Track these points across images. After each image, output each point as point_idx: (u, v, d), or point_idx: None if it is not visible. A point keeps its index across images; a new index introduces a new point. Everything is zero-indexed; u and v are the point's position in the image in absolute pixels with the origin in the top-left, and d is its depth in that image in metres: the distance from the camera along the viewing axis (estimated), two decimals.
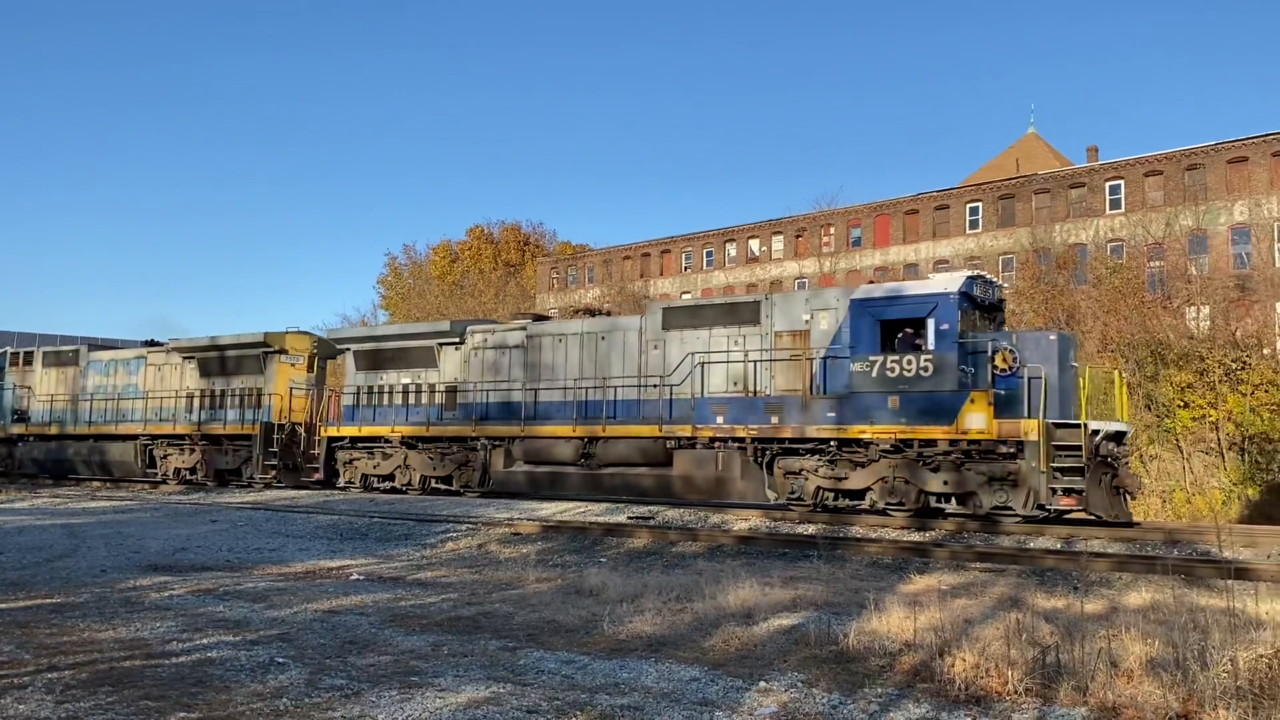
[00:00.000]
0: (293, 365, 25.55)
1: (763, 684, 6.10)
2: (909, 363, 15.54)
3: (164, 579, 10.79)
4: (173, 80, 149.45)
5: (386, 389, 22.91)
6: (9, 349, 32.22)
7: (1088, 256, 49.23)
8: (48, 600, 9.23)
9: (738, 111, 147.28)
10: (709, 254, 71.37)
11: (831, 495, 16.50)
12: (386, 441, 22.42)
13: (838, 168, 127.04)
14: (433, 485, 22.02)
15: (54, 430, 29.48)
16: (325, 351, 26.50)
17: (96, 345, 29.97)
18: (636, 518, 16.68)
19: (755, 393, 17.36)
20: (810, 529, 15.25)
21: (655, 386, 18.67)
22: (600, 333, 19.91)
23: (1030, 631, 7.08)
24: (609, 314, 22.97)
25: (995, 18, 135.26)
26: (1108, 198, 52.08)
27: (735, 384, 17.73)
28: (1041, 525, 14.58)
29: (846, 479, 16.19)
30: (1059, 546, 13.17)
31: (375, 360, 23.18)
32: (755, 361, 17.49)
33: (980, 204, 57.65)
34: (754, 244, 68.69)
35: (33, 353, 30.97)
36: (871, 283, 22.64)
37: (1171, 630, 6.86)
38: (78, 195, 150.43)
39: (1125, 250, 48.08)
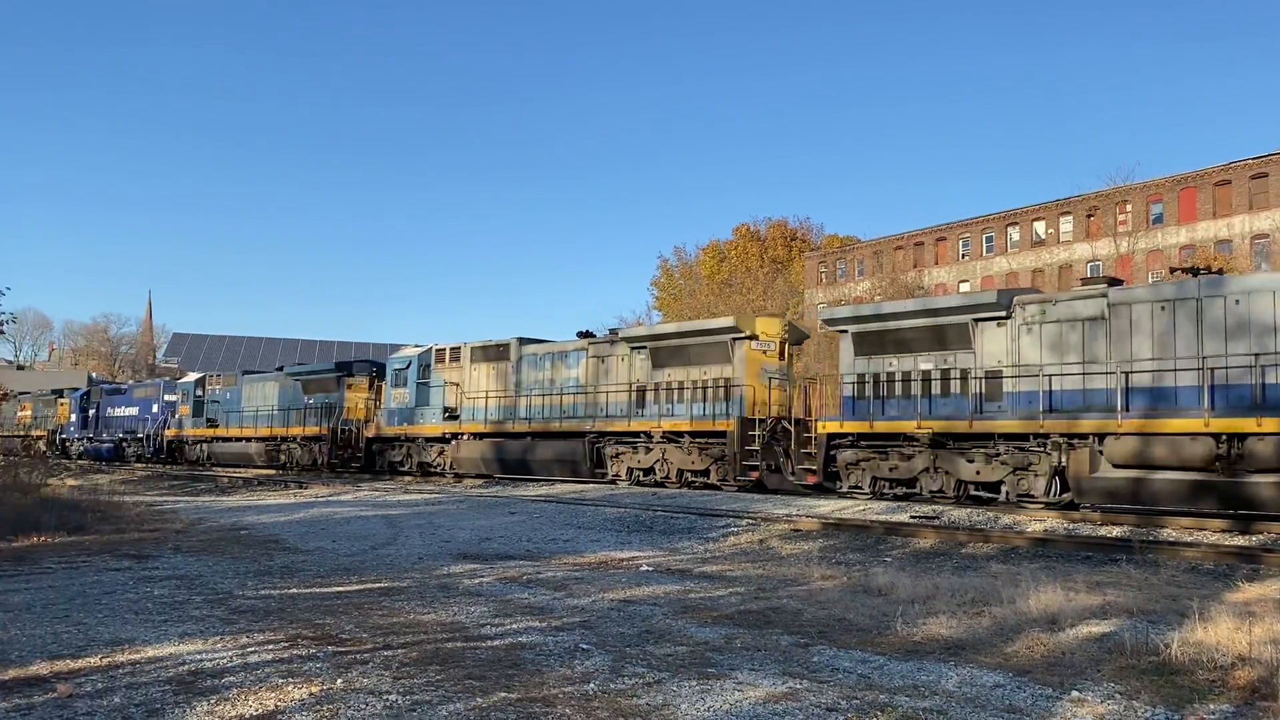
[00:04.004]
0: (764, 352, 23.04)
1: (1075, 693, 5.76)
2: None
3: (473, 566, 11.64)
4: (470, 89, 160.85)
5: (899, 376, 19.52)
6: (433, 345, 32.25)
7: None
8: (376, 585, 10.20)
9: (1015, 84, 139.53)
10: (989, 239, 68.12)
11: None
12: (907, 439, 18.78)
13: (1131, 141, 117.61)
14: (970, 492, 18.14)
15: (489, 428, 28.38)
16: (793, 337, 24.38)
17: (526, 339, 29.12)
18: (920, 517, 16.19)
19: None
20: (1115, 531, 14.19)
21: None
22: (1232, 295, 15.45)
23: None
24: (1221, 272, 17.09)
25: None
26: None
27: None
28: None
29: None
30: None
31: (883, 343, 19.92)
32: None
33: None
34: (1039, 226, 64.87)
35: (460, 348, 30.36)
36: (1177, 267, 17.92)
37: None
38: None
39: None
